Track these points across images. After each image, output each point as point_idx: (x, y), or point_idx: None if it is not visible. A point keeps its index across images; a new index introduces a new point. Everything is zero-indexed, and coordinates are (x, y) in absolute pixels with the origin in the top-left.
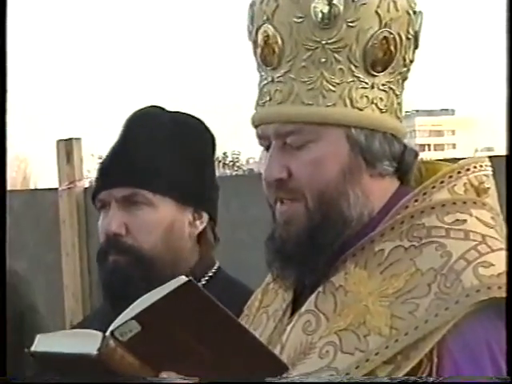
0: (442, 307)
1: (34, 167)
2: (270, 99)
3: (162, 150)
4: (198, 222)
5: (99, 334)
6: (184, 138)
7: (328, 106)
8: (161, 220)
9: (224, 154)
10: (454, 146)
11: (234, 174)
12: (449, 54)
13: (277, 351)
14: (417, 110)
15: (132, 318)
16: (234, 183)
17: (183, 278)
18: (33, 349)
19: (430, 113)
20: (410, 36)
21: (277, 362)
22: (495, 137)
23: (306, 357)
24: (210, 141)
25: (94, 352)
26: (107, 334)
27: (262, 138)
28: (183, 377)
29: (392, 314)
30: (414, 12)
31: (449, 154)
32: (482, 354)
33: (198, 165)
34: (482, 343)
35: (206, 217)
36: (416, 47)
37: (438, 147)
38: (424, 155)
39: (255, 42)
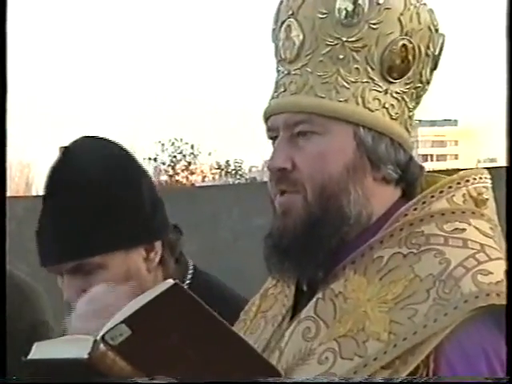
0: (440, 313)
1: (36, 173)
2: (285, 90)
3: (88, 210)
4: (152, 255)
5: (91, 339)
6: (104, 183)
7: (340, 101)
8: (115, 276)
9: (226, 162)
10: (456, 156)
11: (237, 182)
12: (452, 64)
13: (275, 356)
14: (419, 120)
15: (122, 322)
16: (236, 191)
17: (170, 282)
18: (28, 357)
19: (432, 123)
20: (429, 53)
21: (266, 365)
22: (498, 148)
23: (304, 363)
24: (128, 161)
25: (85, 356)
26: (98, 338)
27: (271, 129)
28: (173, 380)
29: (391, 319)
30: (436, 30)
31: (451, 164)
32: (479, 360)
33: (131, 198)
34: (478, 349)
35: (158, 245)
36: (435, 68)
37: (441, 158)
38: (426, 166)
39: (277, 38)
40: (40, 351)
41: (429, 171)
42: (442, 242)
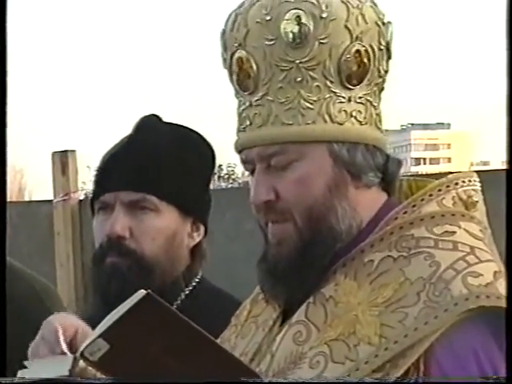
0: (431, 315)
1: (29, 179)
2: (251, 123)
3: (166, 158)
4: (195, 234)
5: (71, 357)
6: (187, 151)
7: (308, 123)
8: (165, 227)
9: (219, 166)
10: (449, 159)
11: (229, 186)
12: (445, 68)
13: (266, 361)
14: (412, 124)
15: (99, 337)
16: (229, 196)
17: (142, 292)
18: (17, 378)
19: (425, 127)
20: (381, 47)
21: (246, 371)
22: (491, 151)
23: (296, 366)
24: (211, 156)
25: (66, 373)
26: (77, 354)
27: (246, 162)
28: None
29: (381, 323)
30: (383, 23)
31: (444, 167)
32: (469, 363)
33: (200, 178)
34: (469, 352)
35: (202, 229)
36: (389, 57)
37: (434, 161)
38: (419, 169)
39: (230, 69)
40: (27, 371)
41: (421, 174)
42: (432, 245)
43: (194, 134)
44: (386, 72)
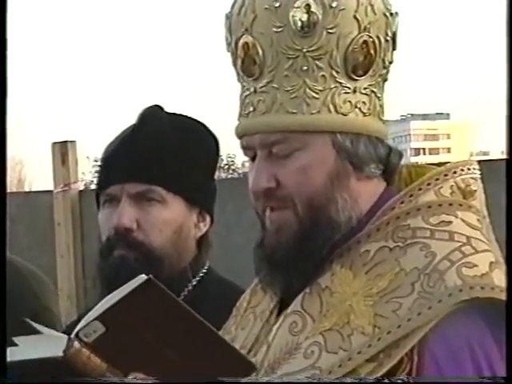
0: (425, 306)
1: (29, 169)
2: (254, 110)
3: (171, 149)
4: (201, 225)
5: (65, 337)
6: (191, 141)
7: (312, 113)
8: (172, 219)
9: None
10: (449, 150)
11: (229, 177)
12: (444, 58)
13: (263, 351)
14: (412, 114)
15: (95, 319)
16: (229, 186)
17: (143, 277)
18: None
19: (425, 117)
20: (388, 38)
21: (243, 360)
22: (490, 141)
23: (291, 357)
24: (215, 146)
25: (60, 354)
26: (72, 335)
27: (246, 148)
28: (151, 378)
29: (376, 313)
30: (391, 14)
31: (444, 158)
32: (463, 354)
33: (205, 168)
34: (463, 343)
35: (208, 220)
36: (394, 48)
37: (433, 151)
38: (419, 159)
39: (234, 54)
40: (17, 350)
41: (421, 165)
42: (428, 236)
43: (197, 124)
44: (391, 63)
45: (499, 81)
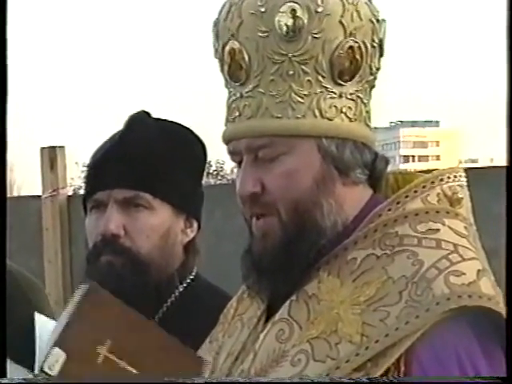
0: (412, 315)
1: (17, 174)
2: (240, 114)
3: (158, 155)
4: (188, 231)
5: (29, 375)
6: (178, 147)
7: (297, 117)
8: (159, 225)
9: (208, 163)
10: (438, 157)
11: (218, 183)
12: (434, 65)
13: (249, 359)
14: (401, 121)
15: (54, 345)
16: (218, 192)
17: (83, 287)
18: None
19: (414, 124)
20: (374, 44)
21: (194, 357)
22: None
23: (278, 365)
24: (202, 152)
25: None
26: (37, 370)
27: (233, 153)
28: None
29: (363, 321)
30: (378, 20)
31: (433, 165)
32: (451, 363)
33: (192, 174)
34: (450, 352)
35: (196, 226)
36: (381, 55)
37: (423, 158)
38: (408, 166)
39: (221, 59)
40: (38, 319)
41: (408, 172)
42: (415, 243)
43: (184, 129)
44: (378, 69)
45: (489, 89)
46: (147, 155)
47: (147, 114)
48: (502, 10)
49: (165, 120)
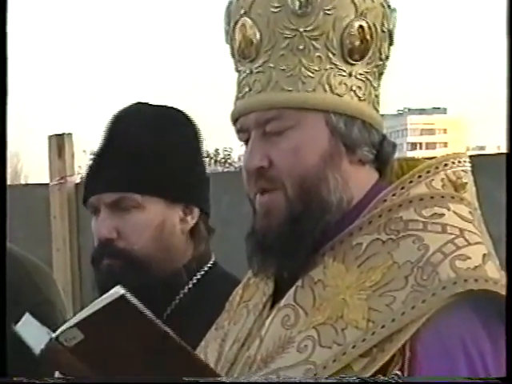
0: (418, 300)
1: (25, 162)
2: (250, 90)
3: (144, 150)
4: (188, 218)
5: (47, 336)
6: (165, 135)
7: (307, 91)
8: (150, 220)
9: (216, 150)
10: (445, 144)
11: (226, 170)
12: (441, 53)
13: (255, 345)
14: (409, 109)
15: (74, 326)
16: (226, 180)
17: (118, 292)
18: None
19: (422, 111)
20: (384, 29)
21: (211, 375)
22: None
23: (284, 351)
24: (194, 132)
25: (37, 352)
26: (52, 338)
27: (241, 130)
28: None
29: (369, 306)
30: (389, 6)
31: (440, 152)
32: (456, 348)
33: (185, 159)
34: (456, 337)
35: (196, 211)
36: (391, 44)
37: (430, 146)
38: (415, 153)
39: (232, 38)
40: (21, 324)
41: (413, 158)
42: (420, 228)
43: (172, 112)
44: (387, 58)
45: (497, 76)
46: (133, 153)
47: (136, 104)
48: None
49: (155, 106)
